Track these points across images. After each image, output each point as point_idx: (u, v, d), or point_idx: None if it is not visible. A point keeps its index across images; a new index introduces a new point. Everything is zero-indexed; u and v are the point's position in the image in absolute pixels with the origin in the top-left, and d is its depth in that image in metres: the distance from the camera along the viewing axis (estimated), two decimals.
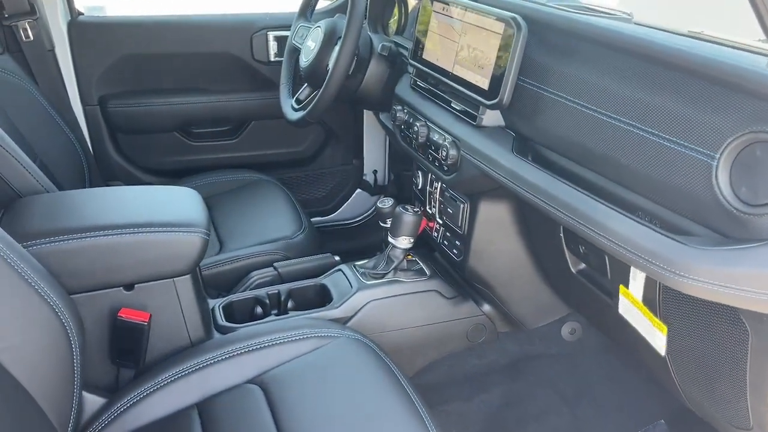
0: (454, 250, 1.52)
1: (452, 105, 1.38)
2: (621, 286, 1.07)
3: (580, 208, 0.98)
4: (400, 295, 1.50)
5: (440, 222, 1.58)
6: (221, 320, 1.43)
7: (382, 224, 1.61)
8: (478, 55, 1.28)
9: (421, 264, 1.58)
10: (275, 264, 1.62)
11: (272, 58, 2.15)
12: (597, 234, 0.95)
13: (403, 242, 1.50)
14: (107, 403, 1.21)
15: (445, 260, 1.63)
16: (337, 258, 1.68)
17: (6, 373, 0.97)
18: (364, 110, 2.34)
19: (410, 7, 1.93)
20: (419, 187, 1.66)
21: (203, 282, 1.51)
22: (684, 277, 0.81)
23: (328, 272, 1.59)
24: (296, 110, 1.79)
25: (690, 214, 0.90)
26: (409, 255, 1.59)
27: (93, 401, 1.22)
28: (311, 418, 1.13)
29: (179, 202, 1.34)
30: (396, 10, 1.98)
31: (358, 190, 2.46)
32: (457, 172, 1.34)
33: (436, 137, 1.41)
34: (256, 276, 1.60)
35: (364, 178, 2.46)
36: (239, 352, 1.27)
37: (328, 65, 1.66)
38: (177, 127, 2.18)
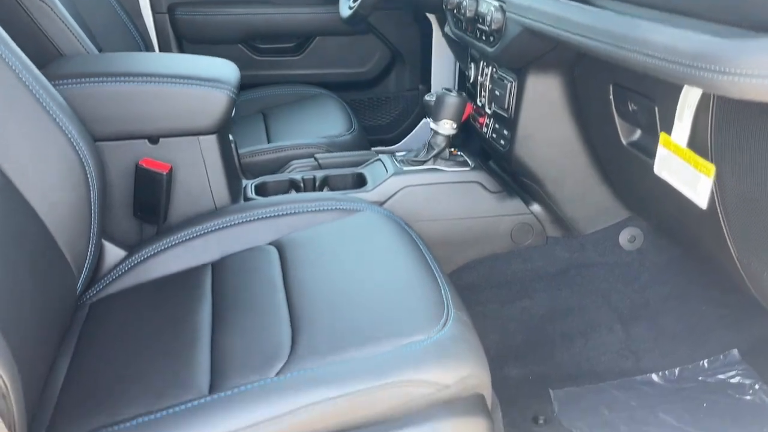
0: (501, 141, 1.41)
1: None
2: (662, 134, 0.93)
3: (618, 29, 0.85)
4: (438, 183, 1.40)
5: (489, 113, 1.46)
6: (251, 194, 1.40)
7: (427, 119, 1.52)
8: None
9: (466, 157, 1.47)
10: (316, 155, 1.57)
11: None
12: (637, 53, 0.82)
13: (445, 126, 1.40)
14: (127, 255, 1.21)
15: (493, 155, 1.51)
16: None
17: (20, 197, 0.97)
18: (433, 33, 2.25)
19: None
20: (471, 81, 1.56)
21: (241, 165, 1.49)
22: (736, 74, 0.67)
23: (367, 162, 1.52)
24: (351, 8, 1.74)
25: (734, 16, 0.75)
26: (454, 150, 1.49)
27: (114, 252, 1.22)
28: (319, 275, 1.07)
29: (213, 64, 1.33)
30: None
31: (425, 119, 2.37)
32: (502, 38, 1.23)
33: (483, 8, 1.30)
34: (296, 164, 1.55)
35: None
36: (261, 216, 1.23)
37: None
38: (241, 40, 2.18)
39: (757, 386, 1.36)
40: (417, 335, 0.87)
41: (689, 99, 0.89)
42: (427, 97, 1.51)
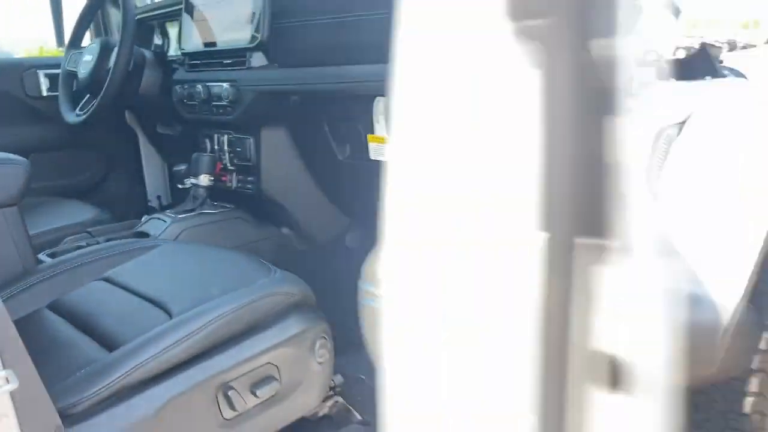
0: (249, 186, 1.86)
1: (224, 62, 1.78)
2: (369, 136, 1.53)
3: (328, 73, 1.44)
4: (210, 222, 1.78)
5: (233, 167, 1.90)
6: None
7: (180, 186, 1.89)
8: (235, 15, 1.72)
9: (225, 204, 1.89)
10: (89, 229, 1.79)
11: (45, 93, 2.33)
12: (339, 83, 1.40)
13: (204, 179, 1.81)
14: None
15: (246, 203, 1.94)
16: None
17: None
18: (140, 141, 2.59)
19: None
20: (209, 150, 1.98)
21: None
22: None
23: (142, 221, 1.81)
24: (79, 116, 2.03)
25: None
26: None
27: None
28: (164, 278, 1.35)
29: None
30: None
31: (146, 217, 2.65)
32: (238, 105, 1.72)
33: (215, 90, 1.78)
34: (71, 239, 1.75)
35: (149, 204, 2.66)
36: (75, 265, 1.43)
37: (108, 67, 1.94)
38: None
39: None
40: (260, 279, 1.25)
41: (379, 107, 1.50)
42: (175, 168, 1.89)
